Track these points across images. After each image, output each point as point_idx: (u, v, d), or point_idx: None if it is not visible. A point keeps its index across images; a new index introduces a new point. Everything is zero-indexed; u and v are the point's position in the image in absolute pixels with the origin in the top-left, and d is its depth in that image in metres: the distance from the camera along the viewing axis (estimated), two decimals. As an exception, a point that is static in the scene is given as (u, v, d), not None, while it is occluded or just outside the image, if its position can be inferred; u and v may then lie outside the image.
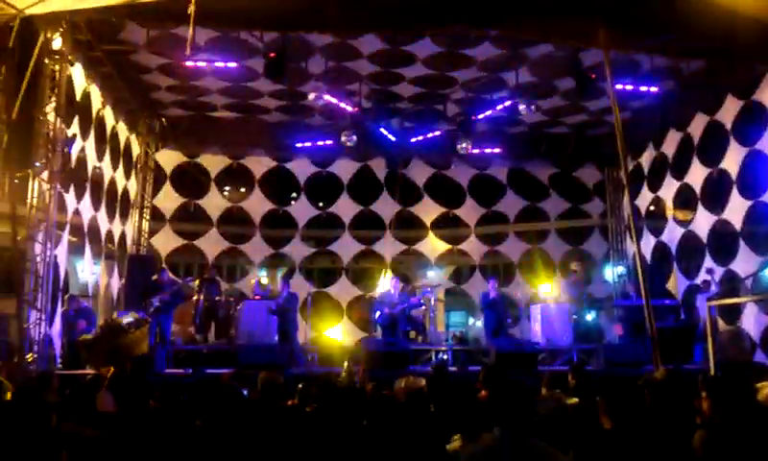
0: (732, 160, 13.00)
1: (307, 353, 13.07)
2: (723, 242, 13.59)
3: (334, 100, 13.66)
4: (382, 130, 14.87)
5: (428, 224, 18.11)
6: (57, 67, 10.51)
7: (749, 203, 12.61)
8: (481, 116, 14.65)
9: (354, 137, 14.26)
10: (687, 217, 14.83)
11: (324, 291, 17.68)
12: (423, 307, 14.57)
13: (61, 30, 10.46)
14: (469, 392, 5.44)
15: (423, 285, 15.73)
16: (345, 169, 17.79)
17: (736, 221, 12.89)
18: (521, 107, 13.35)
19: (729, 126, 13.05)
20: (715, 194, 13.73)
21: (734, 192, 12.94)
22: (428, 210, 18.18)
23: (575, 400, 5.46)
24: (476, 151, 15.66)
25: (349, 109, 14.00)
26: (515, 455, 3.11)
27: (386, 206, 17.97)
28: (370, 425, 4.38)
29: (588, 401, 5.28)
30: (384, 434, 4.11)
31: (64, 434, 4.30)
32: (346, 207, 17.89)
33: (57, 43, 10.46)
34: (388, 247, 17.89)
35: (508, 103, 13.84)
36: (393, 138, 15.17)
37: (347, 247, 17.85)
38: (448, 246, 18.22)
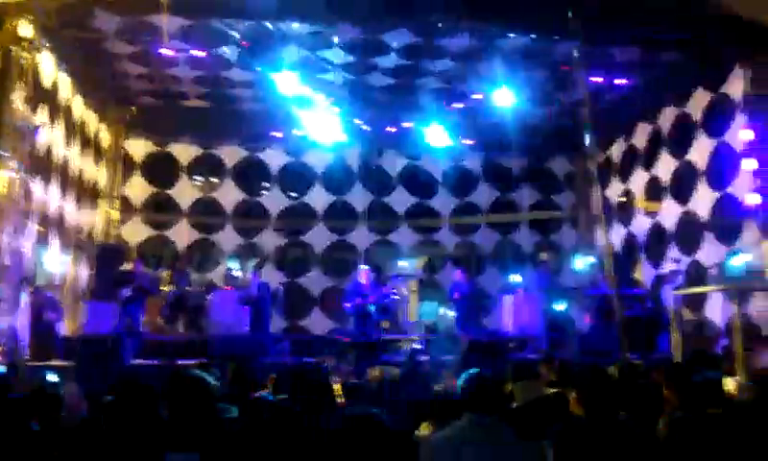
0: (700, 152, 13.20)
1: (279, 343, 13.04)
2: (689, 233, 13.81)
3: (307, 89, 13.57)
4: (356, 120, 14.84)
5: (402, 214, 18.14)
6: (25, 55, 10.30)
7: (715, 194, 12.83)
8: (455, 106, 14.70)
9: (328, 127, 14.21)
10: (656, 208, 15.04)
11: (296, 281, 17.61)
12: (397, 297, 14.60)
13: (30, 17, 10.24)
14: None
15: (394, 276, 15.76)
16: (317, 159, 17.70)
17: (702, 212, 13.12)
18: (494, 97, 13.41)
19: (697, 118, 13.25)
20: (683, 185, 13.93)
21: (701, 184, 13.16)
22: (401, 201, 18.20)
23: (555, 390, 5.50)
24: (450, 142, 15.70)
25: (323, 98, 13.93)
26: (482, 441, 3.15)
27: (359, 197, 17.96)
28: (341, 415, 4.40)
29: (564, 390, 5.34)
30: (355, 423, 4.13)
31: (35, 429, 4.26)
32: (318, 198, 17.83)
33: (24, 30, 10.25)
34: (361, 237, 17.89)
35: (481, 94, 13.89)
36: (366, 128, 15.15)
37: (319, 237, 17.80)
38: (421, 236, 18.29)
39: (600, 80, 13.00)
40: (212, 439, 3.63)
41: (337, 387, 5.92)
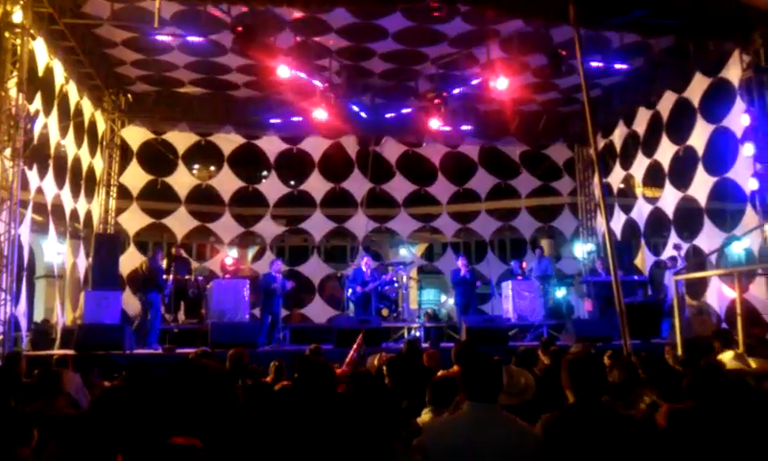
0: (699, 137, 13.16)
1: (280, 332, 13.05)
2: (688, 218, 13.80)
3: (304, 76, 13.48)
4: (353, 106, 14.75)
5: (400, 201, 18.08)
6: (18, 41, 10.17)
7: (714, 179, 12.80)
8: (453, 92, 14.60)
9: (325, 114, 14.11)
10: (656, 194, 15.01)
11: (296, 269, 17.58)
12: (396, 285, 14.60)
13: (22, 2, 10.11)
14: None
15: (395, 263, 15.75)
16: (315, 146, 17.60)
17: (701, 197, 13.09)
18: (492, 83, 13.32)
19: (696, 103, 13.19)
20: (682, 171, 13.90)
21: (700, 169, 13.12)
22: (400, 188, 18.13)
23: None
24: (448, 128, 15.63)
25: (320, 84, 13.83)
26: (484, 428, 3.11)
27: (357, 184, 17.89)
28: (341, 402, 4.37)
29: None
30: (355, 410, 4.10)
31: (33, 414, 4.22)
32: (317, 185, 17.75)
33: (17, 16, 10.12)
34: (360, 225, 17.84)
35: (479, 80, 13.81)
36: (364, 115, 15.07)
37: (318, 225, 17.75)
38: (420, 223, 18.25)
39: (599, 65, 12.90)
40: (215, 426, 3.61)
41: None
